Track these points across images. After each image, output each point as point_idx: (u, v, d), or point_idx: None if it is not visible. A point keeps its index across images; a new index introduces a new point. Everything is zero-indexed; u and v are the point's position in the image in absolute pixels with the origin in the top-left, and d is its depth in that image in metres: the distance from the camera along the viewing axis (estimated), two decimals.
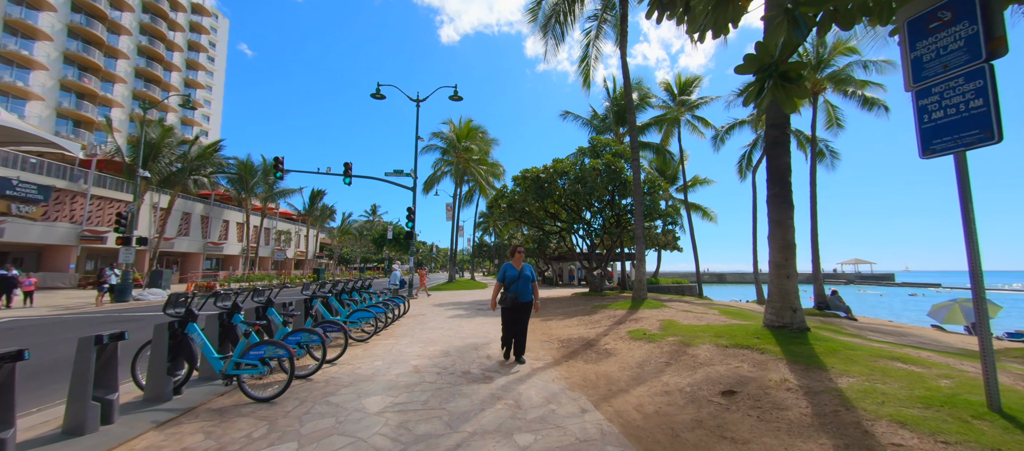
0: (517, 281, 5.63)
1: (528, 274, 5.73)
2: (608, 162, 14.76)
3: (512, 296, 5.57)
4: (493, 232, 62.79)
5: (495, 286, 5.77)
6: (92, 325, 10.76)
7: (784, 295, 5.59)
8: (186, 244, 34.10)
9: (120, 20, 42.30)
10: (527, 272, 5.73)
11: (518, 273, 5.68)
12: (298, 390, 4.61)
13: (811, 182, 16.00)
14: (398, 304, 10.61)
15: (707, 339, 5.81)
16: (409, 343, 7.40)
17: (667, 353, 5.62)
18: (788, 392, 3.79)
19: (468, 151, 31.60)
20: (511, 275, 5.69)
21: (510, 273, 5.70)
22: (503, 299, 5.63)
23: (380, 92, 19.91)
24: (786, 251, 5.59)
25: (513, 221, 19.79)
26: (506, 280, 5.68)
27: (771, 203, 5.71)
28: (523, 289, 5.65)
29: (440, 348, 6.90)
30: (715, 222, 28.71)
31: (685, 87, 24.68)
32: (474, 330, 8.84)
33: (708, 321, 7.34)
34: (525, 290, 5.66)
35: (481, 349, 6.81)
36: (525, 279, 5.69)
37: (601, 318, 9.38)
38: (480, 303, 15.31)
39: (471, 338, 7.83)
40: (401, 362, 5.95)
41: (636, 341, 6.51)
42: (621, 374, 5.14)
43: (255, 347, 4.40)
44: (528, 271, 5.75)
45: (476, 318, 10.95)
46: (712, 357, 5.12)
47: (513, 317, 5.67)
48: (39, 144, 25.83)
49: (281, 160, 18.83)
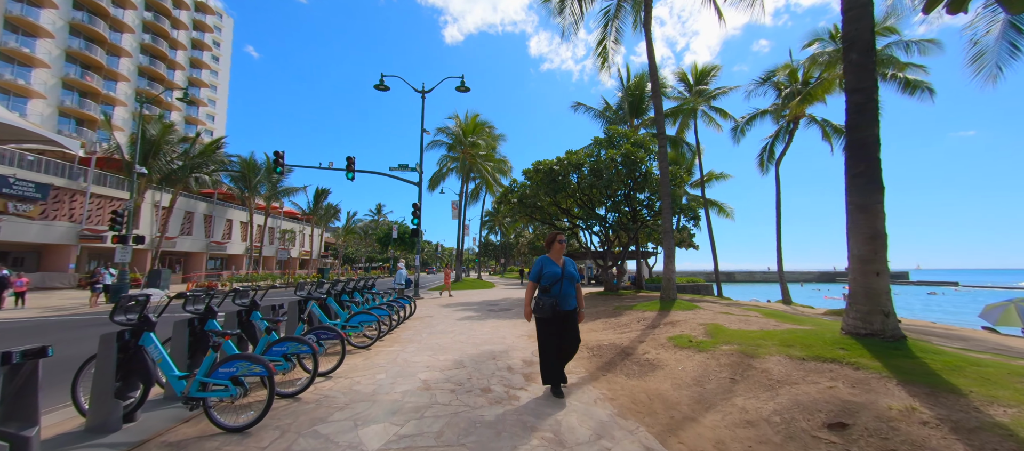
0: (559, 282, 4.09)
1: (572, 272, 4.20)
2: (627, 152, 13.76)
3: (551, 303, 4.01)
4: (499, 230, 62.02)
5: (528, 288, 4.25)
6: (77, 328, 9.99)
7: (872, 296, 4.61)
8: (189, 243, 33.55)
9: (123, 17, 41.89)
10: (570, 269, 4.21)
11: (560, 271, 4.13)
12: (281, 414, 3.72)
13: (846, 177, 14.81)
14: (404, 305, 9.75)
15: (773, 349, 4.84)
16: (416, 350, 6.50)
17: (727, 366, 4.66)
18: (926, 428, 2.83)
19: (474, 146, 30.70)
20: (551, 273, 4.12)
21: (549, 270, 4.13)
22: (540, 307, 4.04)
23: (384, 83, 19.06)
24: (874, 243, 4.61)
25: (523, 217, 18.85)
26: (543, 279, 4.11)
27: (853, 185, 4.75)
28: (566, 292, 4.11)
29: (452, 357, 5.99)
30: (732, 219, 27.56)
31: (702, 77, 23.57)
32: (488, 335, 7.92)
33: (761, 326, 6.36)
34: (569, 294, 4.13)
35: (499, 359, 5.89)
36: (569, 279, 4.14)
37: (629, 321, 8.42)
38: (490, 304, 14.41)
39: (486, 345, 6.92)
40: (408, 375, 5.04)
41: (682, 350, 5.55)
42: (678, 394, 4.18)
43: (226, 363, 3.50)
44: (572, 268, 4.23)
45: (488, 320, 10.04)
46: (789, 373, 4.15)
47: (555, 331, 4.13)
48: (38, 142, 25.38)
49: (281, 155, 18.05)
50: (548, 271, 4.15)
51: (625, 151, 13.85)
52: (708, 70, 23.61)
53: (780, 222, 19.56)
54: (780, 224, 19.55)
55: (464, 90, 19.08)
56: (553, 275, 4.12)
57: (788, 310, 11.60)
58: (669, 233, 9.81)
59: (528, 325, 9.13)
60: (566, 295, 4.13)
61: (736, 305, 10.50)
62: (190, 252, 34.62)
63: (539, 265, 4.22)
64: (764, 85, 20.81)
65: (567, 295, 4.14)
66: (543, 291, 4.09)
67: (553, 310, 4.02)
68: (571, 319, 4.18)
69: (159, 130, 24.79)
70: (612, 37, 12.60)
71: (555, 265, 4.19)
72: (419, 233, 18.82)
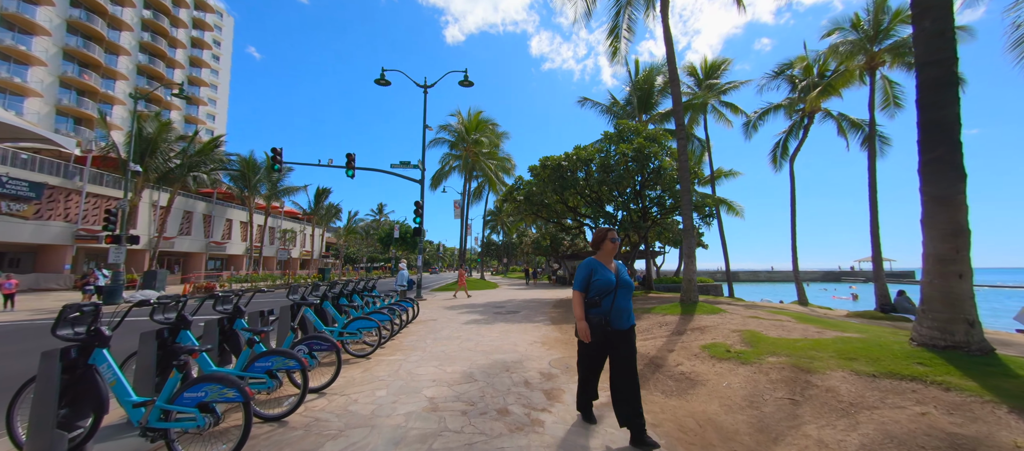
0: (612, 292, 3.15)
1: (627, 280, 3.27)
2: (639, 146, 13.11)
3: (601, 320, 3.10)
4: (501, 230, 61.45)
5: (576, 299, 3.27)
6: None
7: (954, 301, 3.96)
8: (188, 244, 33.04)
9: (121, 15, 41.41)
10: (625, 276, 3.29)
11: (614, 278, 3.19)
12: (262, 445, 3.11)
13: (869, 168, 14.18)
14: (406, 308, 9.14)
15: (831, 362, 4.21)
16: (420, 360, 5.89)
17: (780, 383, 4.02)
18: None
19: (478, 144, 30.08)
20: (603, 281, 3.16)
21: (601, 277, 3.18)
22: (587, 323, 3.17)
23: (385, 78, 18.48)
24: (956, 239, 3.96)
25: (529, 216, 18.23)
26: (593, 289, 3.18)
27: (929, 172, 4.10)
28: (623, 306, 3.17)
29: (460, 369, 5.38)
30: (742, 217, 26.90)
31: (711, 70, 22.89)
32: (498, 341, 7.30)
33: (802, 333, 5.72)
34: (625, 308, 3.18)
35: (514, 370, 5.27)
36: (625, 288, 3.21)
37: (650, 325, 7.79)
38: (496, 305, 13.80)
39: (497, 353, 6.30)
40: (411, 391, 4.43)
41: (721, 361, 4.92)
42: (733, 420, 3.55)
43: (193, 386, 2.90)
44: (626, 274, 3.33)
45: (496, 324, 9.42)
46: (862, 393, 3.52)
47: (605, 355, 3.27)
48: (33, 140, 24.87)
49: (279, 151, 17.47)
50: (600, 278, 3.16)
51: (637, 145, 13.21)
52: (718, 64, 22.93)
53: (795, 220, 18.87)
54: (795, 222, 18.86)
55: (467, 84, 18.46)
56: (605, 283, 3.13)
57: (814, 312, 10.96)
58: (690, 231, 9.18)
59: (540, 330, 8.51)
60: (622, 310, 3.14)
61: (759, 307, 9.86)
62: (189, 252, 34.11)
63: (586, 270, 3.27)
64: (777, 78, 20.12)
65: (623, 309, 3.15)
66: (590, 304, 3.16)
67: (603, 330, 3.09)
68: (628, 341, 3.16)
69: (156, 128, 24.24)
70: (625, 25, 11.95)
71: (607, 270, 3.22)
72: (421, 232, 18.22)
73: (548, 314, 11.25)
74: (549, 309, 12.43)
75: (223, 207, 37.41)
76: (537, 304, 14.03)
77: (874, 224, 13.84)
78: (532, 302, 14.92)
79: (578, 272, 3.32)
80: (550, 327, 8.89)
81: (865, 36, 14.36)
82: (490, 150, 31.30)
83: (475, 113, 31.20)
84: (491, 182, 32.15)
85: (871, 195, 13.90)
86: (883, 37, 14.20)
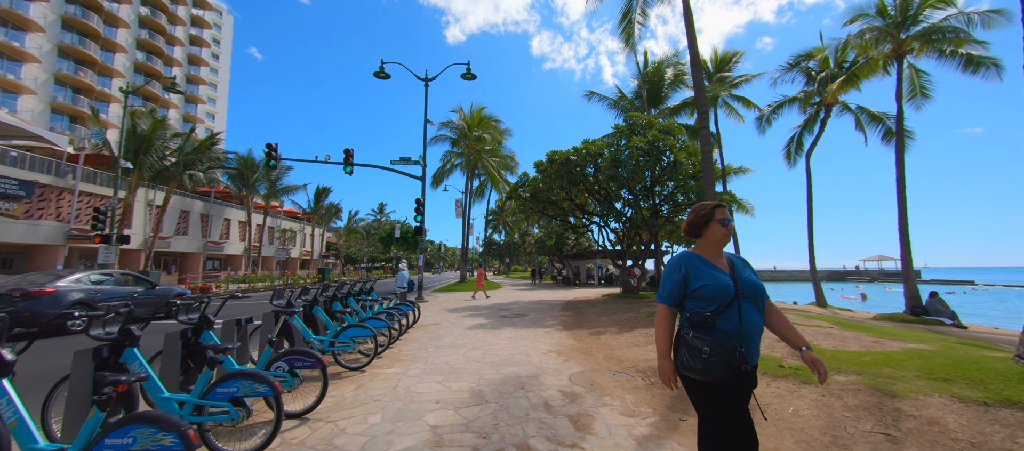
0: (734, 303, 1.84)
1: (755, 281, 1.93)
2: (653, 139, 12.36)
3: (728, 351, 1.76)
4: (503, 229, 60.70)
5: (662, 316, 1.99)
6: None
7: None
8: (185, 244, 32.41)
9: (117, 12, 40.79)
10: (750, 276, 1.94)
11: (729, 282, 1.88)
12: None
13: (897, 163, 13.37)
14: (406, 312, 8.42)
15: (921, 384, 3.47)
16: (421, 374, 5.16)
17: (862, 411, 3.28)
18: None
19: (480, 141, 29.33)
20: (715, 284, 1.87)
21: (710, 279, 1.89)
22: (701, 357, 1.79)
23: (384, 71, 17.77)
24: None
25: (535, 214, 17.49)
26: (698, 298, 1.89)
27: None
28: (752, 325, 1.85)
29: (467, 386, 4.65)
30: (752, 216, 26.06)
31: (722, 64, 22.09)
32: (507, 350, 6.57)
33: (859, 344, 4.98)
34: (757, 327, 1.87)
35: (530, 388, 4.54)
36: (753, 295, 1.89)
37: None
38: (501, 308, 13.07)
39: (508, 366, 5.57)
40: (411, 417, 3.71)
41: (777, 380, 4.18)
42: None
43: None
44: (750, 273, 1.96)
45: (503, 329, 8.70)
46: (981, 429, 2.77)
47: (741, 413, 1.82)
48: (24, 137, 24.24)
49: (275, 147, 16.77)
50: (707, 279, 1.88)
51: (651, 137, 12.45)
52: (729, 57, 22.13)
53: (812, 218, 18.08)
54: (812, 220, 18.08)
55: (470, 77, 17.73)
56: (719, 289, 1.85)
57: (839, 315, 10.20)
58: None
59: (552, 336, 7.78)
60: (752, 332, 1.84)
61: (790, 311, 9.11)
62: (186, 253, 33.48)
63: (680, 269, 1.97)
64: (792, 71, 19.33)
65: (754, 332, 1.85)
66: (701, 323, 1.84)
67: (736, 368, 1.73)
68: (752, 385, 1.84)
69: (150, 125, 23.57)
70: (639, 8, 11.21)
71: (716, 269, 1.92)
72: (422, 230, 17.50)
73: (558, 317, 10.52)
74: (559, 312, 11.70)
75: (221, 206, 36.78)
76: (545, 306, 13.31)
77: (903, 221, 13.03)
78: (539, 304, 14.20)
79: (667, 274, 2.01)
80: (563, 333, 8.16)
81: (891, 22, 13.56)
82: (492, 147, 30.54)
83: (477, 109, 30.46)
84: (494, 180, 31.40)
85: (899, 191, 13.10)
86: (911, 23, 13.40)
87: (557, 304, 13.96)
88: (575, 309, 12.32)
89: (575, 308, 12.59)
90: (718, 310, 1.84)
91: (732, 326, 1.81)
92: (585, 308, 12.46)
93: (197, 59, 52.22)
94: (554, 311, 11.95)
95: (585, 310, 11.96)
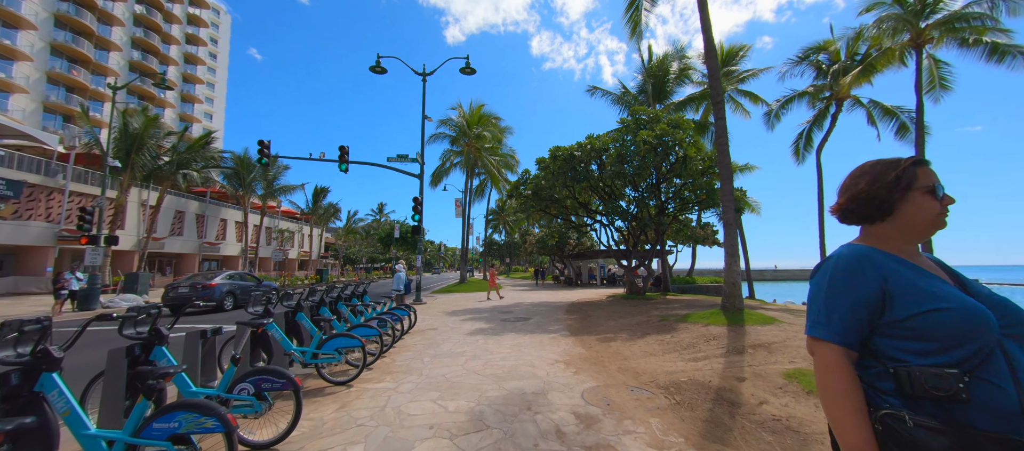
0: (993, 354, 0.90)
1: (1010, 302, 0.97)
2: (662, 133, 11.78)
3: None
4: (503, 229, 60.09)
5: (837, 372, 0.96)
6: None
7: None
8: (179, 245, 31.86)
9: (112, 10, 40.22)
10: (992, 293, 1.00)
11: (972, 300, 0.94)
12: None
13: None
14: (401, 318, 7.85)
15: None
16: (415, 389, 4.58)
17: None
18: None
19: (480, 139, 28.76)
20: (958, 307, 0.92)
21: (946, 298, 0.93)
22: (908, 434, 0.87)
23: (380, 65, 17.20)
24: None
25: (537, 213, 16.91)
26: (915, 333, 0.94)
27: None
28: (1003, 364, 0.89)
29: (466, 405, 4.07)
30: (758, 214, 25.52)
31: (729, 58, 21.49)
32: (510, 360, 5.99)
33: None
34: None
35: (537, 407, 3.96)
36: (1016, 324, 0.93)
37: (693, 339, 6.47)
38: (503, 311, 12.50)
39: (512, 379, 4.98)
40: (400, 446, 3.13)
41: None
42: None
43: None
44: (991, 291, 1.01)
45: (505, 335, 8.11)
46: None
47: None
48: (12, 136, 23.67)
49: (267, 143, 16.19)
50: (933, 298, 0.95)
51: (659, 131, 11.87)
52: (736, 51, 21.54)
53: (823, 216, 17.51)
54: (823, 218, 17.51)
55: (469, 72, 17.17)
56: (964, 313, 0.92)
57: None
58: (732, 223, 7.88)
59: (558, 343, 7.20)
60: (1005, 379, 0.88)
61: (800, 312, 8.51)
62: (181, 253, 32.93)
63: (865, 273, 1.01)
64: (801, 65, 18.76)
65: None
66: (935, 394, 0.88)
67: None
68: None
69: (142, 123, 22.99)
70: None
71: (936, 279, 0.99)
72: (421, 230, 16.93)
73: (564, 321, 9.94)
74: (563, 315, 11.13)
75: (217, 206, 36.23)
76: (548, 309, 12.73)
77: None
78: (542, 306, 13.62)
79: (832, 284, 1.04)
80: (570, 340, 7.58)
81: (910, 10, 12.97)
82: (492, 145, 29.97)
83: (477, 107, 29.87)
84: (494, 179, 30.82)
85: None
86: (931, 10, 12.81)
87: (561, 306, 13.38)
88: (580, 312, 11.74)
89: (580, 311, 12.02)
90: (969, 362, 0.89)
91: (1007, 401, 0.86)
92: (591, 311, 11.88)
93: (194, 58, 51.67)
94: (558, 314, 11.37)
95: (591, 313, 11.39)
